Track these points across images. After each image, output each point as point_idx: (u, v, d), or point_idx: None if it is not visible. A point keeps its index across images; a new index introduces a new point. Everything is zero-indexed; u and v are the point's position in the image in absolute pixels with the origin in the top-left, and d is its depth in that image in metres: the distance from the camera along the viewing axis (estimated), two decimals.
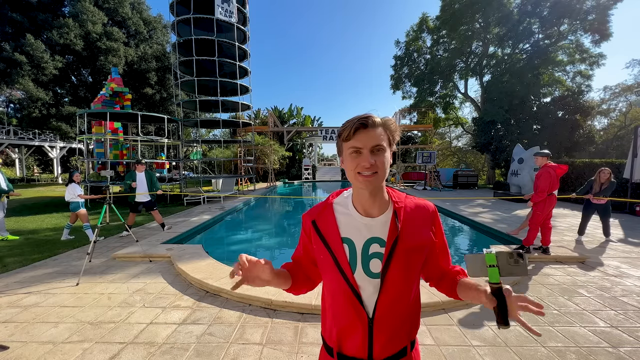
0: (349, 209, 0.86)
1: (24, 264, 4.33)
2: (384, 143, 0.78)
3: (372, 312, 0.79)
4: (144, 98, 26.20)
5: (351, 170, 0.79)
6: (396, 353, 0.83)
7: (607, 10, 15.92)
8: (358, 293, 0.80)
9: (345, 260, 0.81)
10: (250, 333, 2.57)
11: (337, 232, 0.83)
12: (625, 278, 3.77)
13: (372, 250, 0.81)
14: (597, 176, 5.24)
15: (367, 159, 0.75)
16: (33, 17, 22.74)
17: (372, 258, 0.81)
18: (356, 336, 0.81)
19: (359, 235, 0.82)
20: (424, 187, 16.08)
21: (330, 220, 0.86)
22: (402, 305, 0.81)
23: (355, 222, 0.83)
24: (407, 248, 0.80)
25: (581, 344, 2.40)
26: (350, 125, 0.77)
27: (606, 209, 5.39)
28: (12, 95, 25.34)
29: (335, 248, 0.82)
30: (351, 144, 0.77)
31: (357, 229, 0.83)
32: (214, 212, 8.54)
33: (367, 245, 0.81)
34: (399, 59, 24.02)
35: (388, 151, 0.79)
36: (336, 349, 0.84)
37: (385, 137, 0.79)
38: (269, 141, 20.25)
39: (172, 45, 13.58)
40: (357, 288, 0.80)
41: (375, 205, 0.83)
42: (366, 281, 0.80)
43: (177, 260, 4.15)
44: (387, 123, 0.80)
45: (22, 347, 2.35)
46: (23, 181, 22.70)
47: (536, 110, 17.42)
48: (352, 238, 0.82)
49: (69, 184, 5.46)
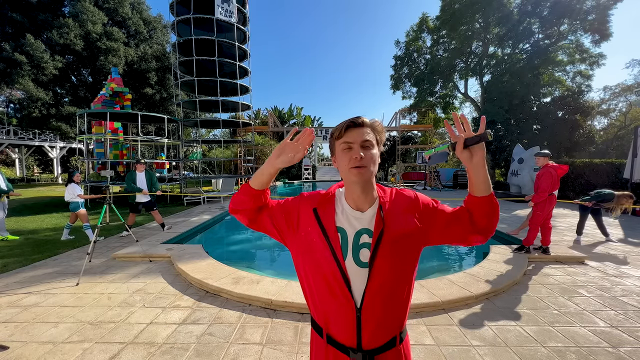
0: (343, 201, 0.92)
1: (24, 264, 4.33)
2: (372, 140, 0.86)
3: (360, 301, 0.83)
4: (144, 98, 26.18)
5: (344, 165, 0.85)
6: (385, 343, 0.86)
7: (607, 10, 15.93)
8: (348, 280, 0.83)
9: (339, 247, 0.85)
10: (250, 333, 2.57)
11: (333, 221, 0.89)
12: (625, 278, 3.77)
13: (362, 240, 0.85)
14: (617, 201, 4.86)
15: (357, 152, 0.82)
16: (33, 17, 22.74)
17: (362, 248, 0.85)
18: (345, 324, 0.84)
19: (350, 226, 0.88)
20: (424, 187, 16.09)
21: (329, 209, 0.91)
22: (389, 294, 0.84)
23: (347, 214, 0.89)
24: (393, 237, 0.84)
25: (581, 344, 2.40)
26: (341, 125, 0.86)
27: (598, 209, 5.37)
28: (12, 95, 25.33)
29: (331, 236, 0.86)
30: (343, 140, 0.85)
31: (349, 221, 0.88)
32: (214, 212, 8.54)
33: (358, 236, 0.86)
34: (399, 59, 24.02)
35: (376, 148, 0.87)
36: (325, 330, 0.89)
37: (373, 136, 0.87)
38: (269, 141, 20.25)
39: (172, 45, 13.58)
40: (347, 275, 0.83)
41: (366, 200, 0.88)
42: (355, 270, 0.84)
43: (177, 260, 4.15)
44: (374, 124, 0.88)
45: (22, 347, 2.35)
46: (23, 181, 22.70)
47: (536, 110, 17.42)
48: (345, 228, 0.88)
49: (69, 184, 5.45)
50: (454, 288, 3.27)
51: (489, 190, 0.83)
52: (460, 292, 3.16)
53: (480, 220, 0.85)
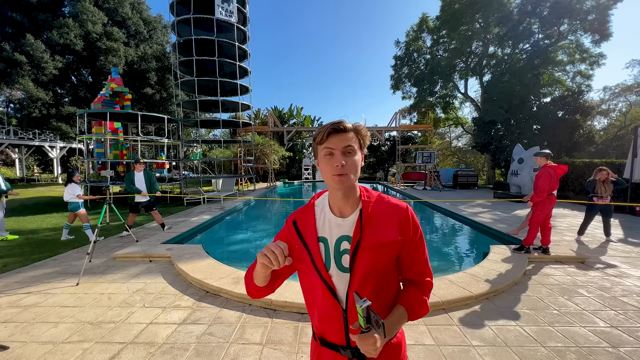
0: (325, 209, 0.93)
1: (24, 264, 4.33)
2: (354, 145, 0.85)
3: (345, 304, 0.85)
4: (144, 98, 26.17)
5: (327, 172, 0.85)
6: None
7: (607, 10, 15.94)
8: (332, 288, 0.86)
9: (320, 258, 0.88)
10: (250, 333, 2.57)
11: (314, 232, 0.90)
12: (625, 278, 3.77)
13: (343, 247, 0.87)
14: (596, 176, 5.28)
15: (339, 159, 0.82)
16: (33, 17, 22.73)
17: (343, 254, 0.87)
18: (334, 325, 0.88)
19: (331, 234, 0.89)
20: (424, 187, 16.08)
21: (310, 220, 0.92)
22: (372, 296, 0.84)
23: (330, 222, 0.90)
24: (370, 245, 0.84)
25: (581, 344, 2.40)
26: (324, 129, 0.85)
27: (609, 209, 5.40)
28: (12, 95, 25.33)
29: (312, 247, 0.89)
30: (324, 146, 0.85)
31: (330, 228, 0.90)
32: (214, 212, 8.54)
33: (339, 243, 0.88)
34: (399, 59, 24.04)
35: (359, 154, 0.87)
36: (318, 334, 0.94)
37: (356, 141, 0.86)
38: (269, 141, 20.23)
39: (172, 45, 13.57)
40: (331, 284, 0.86)
41: (347, 205, 0.89)
42: (339, 276, 0.87)
43: (177, 260, 4.15)
44: (358, 128, 0.87)
45: (22, 347, 2.35)
46: (23, 181, 22.68)
47: (536, 110, 17.42)
48: (326, 237, 0.89)
49: (69, 184, 5.45)
50: (454, 288, 3.27)
51: (405, 320, 0.88)
52: (460, 292, 3.16)
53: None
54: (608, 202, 5.24)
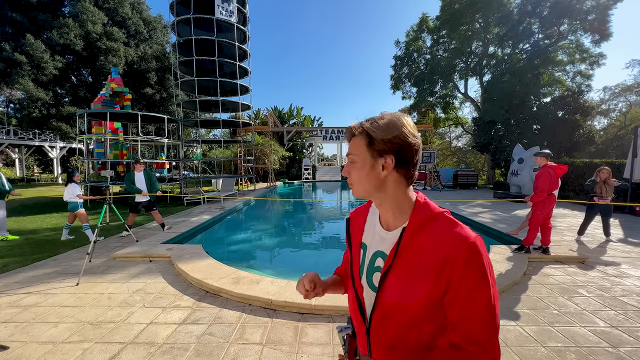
0: (376, 216, 0.82)
1: (24, 264, 4.33)
2: (356, 152, 0.73)
3: (369, 321, 0.75)
4: (144, 98, 26.18)
5: None
6: None
7: (607, 10, 15.94)
8: (360, 299, 0.78)
9: (357, 263, 0.81)
10: (250, 333, 2.57)
11: (360, 235, 0.84)
12: (625, 278, 3.77)
13: (377, 263, 0.76)
14: (597, 176, 5.28)
15: (346, 169, 0.76)
16: (33, 17, 22.74)
17: (376, 271, 0.76)
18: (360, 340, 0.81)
19: (371, 243, 0.80)
20: (424, 187, 16.08)
21: (361, 221, 0.86)
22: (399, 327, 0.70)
23: (375, 230, 0.80)
24: (401, 276, 0.69)
25: (581, 344, 2.40)
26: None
27: (609, 209, 5.41)
28: (12, 95, 25.34)
29: (354, 249, 0.83)
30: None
31: (373, 237, 0.80)
32: (213, 212, 8.54)
33: (375, 257, 0.77)
34: (399, 59, 24.04)
35: (363, 162, 0.71)
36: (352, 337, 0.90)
37: (362, 147, 0.71)
38: (269, 141, 20.23)
39: (172, 45, 13.58)
40: (360, 295, 0.78)
41: (391, 218, 0.75)
42: (367, 292, 0.77)
43: (177, 260, 4.15)
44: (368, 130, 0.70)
45: (22, 347, 2.35)
46: (23, 181, 22.69)
47: (536, 110, 17.43)
48: (367, 244, 0.81)
49: (68, 183, 5.45)
50: None
51: None
52: None
53: None
54: (608, 202, 5.24)
